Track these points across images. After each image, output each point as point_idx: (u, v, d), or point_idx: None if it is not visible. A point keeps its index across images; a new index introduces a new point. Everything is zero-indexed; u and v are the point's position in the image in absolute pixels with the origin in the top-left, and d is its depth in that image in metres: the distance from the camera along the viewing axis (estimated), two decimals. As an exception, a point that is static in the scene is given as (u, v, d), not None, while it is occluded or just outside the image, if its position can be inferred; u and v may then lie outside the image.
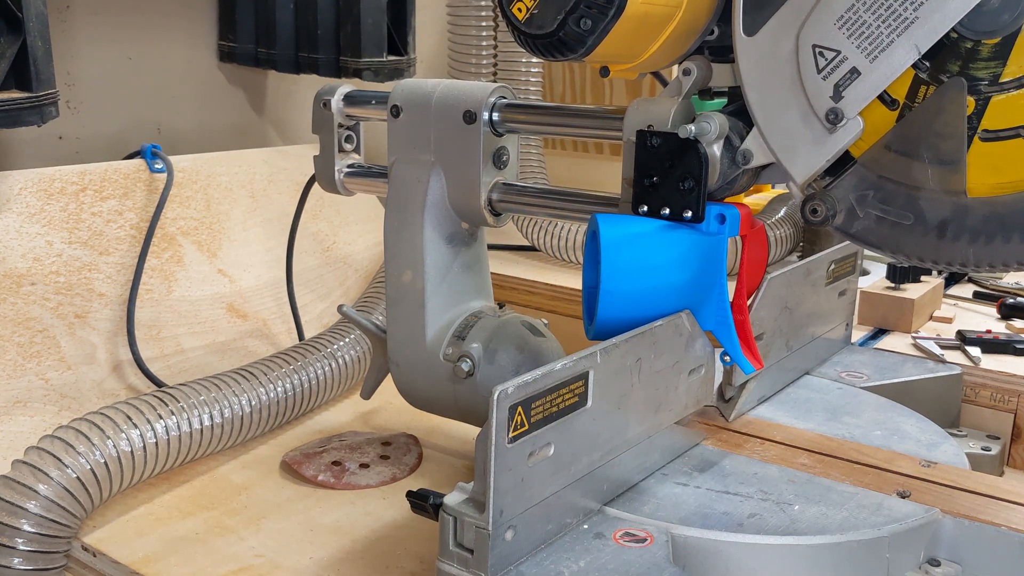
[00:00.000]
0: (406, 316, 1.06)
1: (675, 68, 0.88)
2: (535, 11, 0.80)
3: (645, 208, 0.86)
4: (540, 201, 1.01)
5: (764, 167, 0.86)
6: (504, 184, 1.02)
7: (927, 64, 0.77)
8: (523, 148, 1.91)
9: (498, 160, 1.01)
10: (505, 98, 1.00)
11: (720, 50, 0.87)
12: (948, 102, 0.76)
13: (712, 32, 0.88)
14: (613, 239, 0.83)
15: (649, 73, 0.95)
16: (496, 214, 1.03)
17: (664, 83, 0.93)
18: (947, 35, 0.75)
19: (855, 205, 0.79)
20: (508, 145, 1.02)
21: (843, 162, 0.80)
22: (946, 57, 0.76)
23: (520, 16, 0.81)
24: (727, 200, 0.88)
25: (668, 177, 0.84)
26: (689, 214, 0.84)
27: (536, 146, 1.96)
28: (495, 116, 0.99)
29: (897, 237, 0.78)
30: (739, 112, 0.85)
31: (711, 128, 0.82)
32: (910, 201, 0.77)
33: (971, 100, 0.76)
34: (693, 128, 0.81)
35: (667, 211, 0.85)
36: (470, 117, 0.99)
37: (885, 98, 0.78)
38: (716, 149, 0.83)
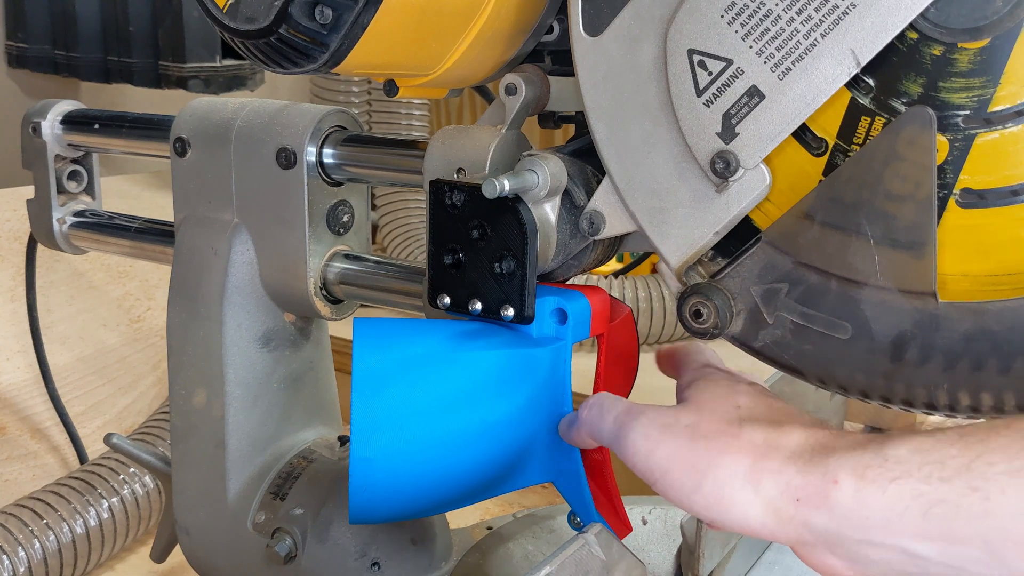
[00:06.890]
0: (197, 460, 0.73)
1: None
2: (243, -4, 0.52)
3: (447, 300, 0.57)
4: (399, 285, 0.68)
5: (626, 235, 0.57)
6: (347, 256, 0.70)
7: (871, 82, 0.48)
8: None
9: (335, 221, 0.70)
10: (344, 127, 0.68)
11: (565, 56, 0.57)
12: (906, 144, 0.47)
13: (551, 29, 0.60)
14: (371, 371, 0.53)
15: (471, 88, 0.66)
16: (334, 301, 0.71)
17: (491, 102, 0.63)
18: (902, 36, 0.46)
19: (760, 305, 0.52)
20: (351, 199, 0.71)
21: (742, 238, 0.52)
22: (901, 71, 0.47)
23: (222, 4, 0.52)
24: (570, 284, 0.60)
25: (477, 254, 0.56)
26: (511, 311, 0.55)
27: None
28: (327, 155, 0.67)
29: (827, 357, 0.51)
30: (588, 151, 0.57)
31: (538, 180, 0.53)
32: (846, 302, 0.50)
33: (943, 141, 0.47)
34: (508, 183, 0.52)
35: (478, 306, 0.56)
36: (287, 158, 0.66)
37: (806, 138, 0.50)
38: (550, 210, 0.55)
